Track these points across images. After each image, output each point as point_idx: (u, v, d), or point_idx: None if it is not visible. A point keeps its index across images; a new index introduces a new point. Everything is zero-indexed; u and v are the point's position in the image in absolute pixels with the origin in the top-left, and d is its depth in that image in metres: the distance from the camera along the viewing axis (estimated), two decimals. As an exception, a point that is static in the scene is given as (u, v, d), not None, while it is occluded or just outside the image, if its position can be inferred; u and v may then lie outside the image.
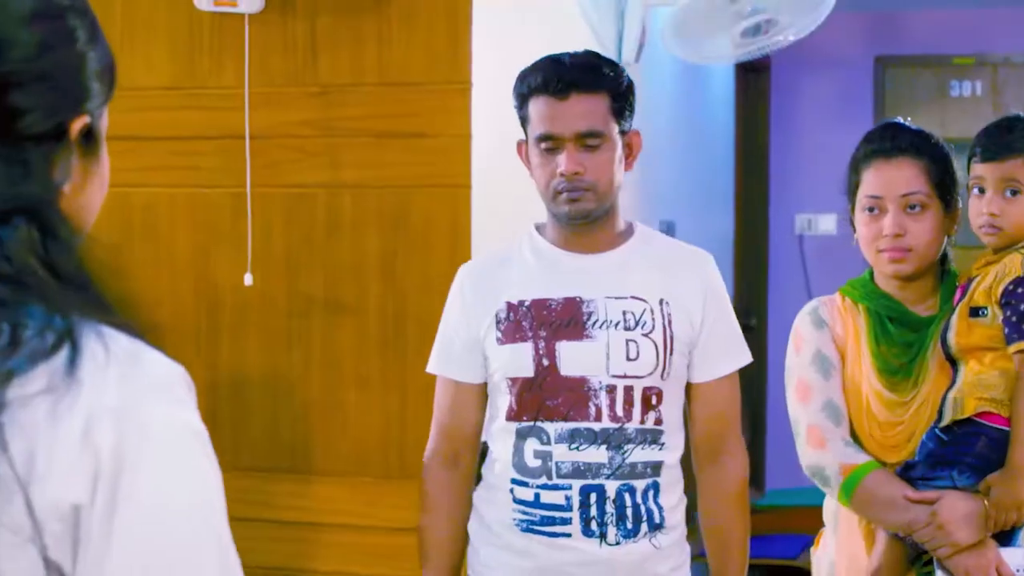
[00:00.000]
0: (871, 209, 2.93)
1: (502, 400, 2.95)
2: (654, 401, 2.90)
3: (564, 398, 2.87)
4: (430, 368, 3.06)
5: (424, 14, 3.72)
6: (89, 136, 1.35)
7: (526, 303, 2.93)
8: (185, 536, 1.22)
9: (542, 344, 2.89)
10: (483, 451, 3.08)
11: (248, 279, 3.83)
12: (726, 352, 3.00)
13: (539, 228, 3.03)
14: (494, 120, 3.79)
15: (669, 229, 5.89)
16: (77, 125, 1.34)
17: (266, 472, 3.86)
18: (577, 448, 2.86)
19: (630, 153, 2.96)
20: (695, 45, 4.51)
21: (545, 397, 2.89)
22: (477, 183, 3.71)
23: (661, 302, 2.92)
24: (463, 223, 3.70)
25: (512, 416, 2.92)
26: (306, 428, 3.85)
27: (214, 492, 1.27)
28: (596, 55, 2.97)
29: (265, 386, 3.87)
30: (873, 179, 2.94)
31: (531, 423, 2.90)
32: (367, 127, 3.77)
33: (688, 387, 3.00)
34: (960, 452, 2.78)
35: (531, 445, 2.90)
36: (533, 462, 2.89)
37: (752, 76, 8.04)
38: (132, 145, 3.92)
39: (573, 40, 3.36)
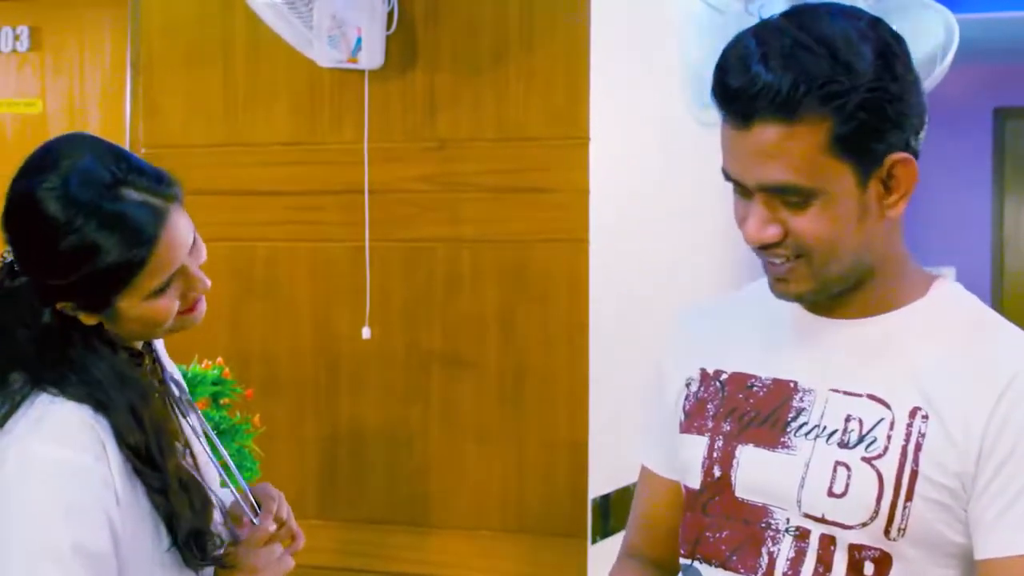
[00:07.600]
0: None
1: None
2: (869, 570, 1.76)
3: (730, 533, 1.86)
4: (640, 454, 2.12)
5: (542, 70, 3.73)
6: (93, 307, 2.01)
7: (724, 375, 1.93)
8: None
9: (719, 443, 1.88)
10: None
11: (366, 332, 3.85)
12: None
13: None
14: (612, 174, 3.80)
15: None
16: (61, 307, 2.02)
17: (384, 524, 3.87)
18: None
19: (896, 188, 1.82)
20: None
21: (706, 525, 1.89)
22: (595, 237, 3.71)
23: (914, 413, 1.76)
24: (582, 277, 3.69)
25: (680, 545, 1.96)
26: (424, 481, 3.85)
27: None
28: (820, 51, 1.70)
29: (383, 439, 3.89)
30: None
31: (688, 561, 1.92)
32: (485, 182, 3.79)
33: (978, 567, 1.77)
34: None
35: None
36: None
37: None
38: (253, 200, 3.98)
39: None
